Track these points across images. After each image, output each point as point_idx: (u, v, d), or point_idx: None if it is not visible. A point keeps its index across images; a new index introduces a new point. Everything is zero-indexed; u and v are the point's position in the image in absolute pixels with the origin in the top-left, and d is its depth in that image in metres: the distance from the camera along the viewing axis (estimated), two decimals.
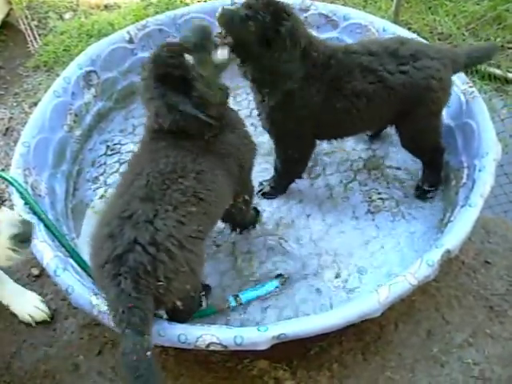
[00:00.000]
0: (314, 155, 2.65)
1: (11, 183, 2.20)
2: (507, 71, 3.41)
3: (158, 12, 3.69)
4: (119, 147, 2.88)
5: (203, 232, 1.86)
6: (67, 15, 4.01)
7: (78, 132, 2.80)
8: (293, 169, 2.58)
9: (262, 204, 2.59)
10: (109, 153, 2.86)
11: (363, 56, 2.25)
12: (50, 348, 2.26)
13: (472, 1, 3.80)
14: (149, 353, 1.61)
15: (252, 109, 2.86)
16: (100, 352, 2.23)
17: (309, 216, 2.56)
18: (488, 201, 2.30)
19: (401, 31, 2.85)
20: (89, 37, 3.70)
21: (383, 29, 2.86)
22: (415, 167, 2.67)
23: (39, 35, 3.81)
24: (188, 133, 1.88)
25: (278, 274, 2.33)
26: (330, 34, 2.98)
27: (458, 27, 3.66)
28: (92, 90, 2.86)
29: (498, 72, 3.39)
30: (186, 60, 1.86)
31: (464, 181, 2.40)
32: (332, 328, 1.88)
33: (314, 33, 2.45)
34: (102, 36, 3.32)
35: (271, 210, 2.58)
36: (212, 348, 1.81)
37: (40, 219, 2.14)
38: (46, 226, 2.14)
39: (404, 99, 2.28)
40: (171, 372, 2.15)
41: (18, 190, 2.18)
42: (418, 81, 2.24)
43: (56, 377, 2.18)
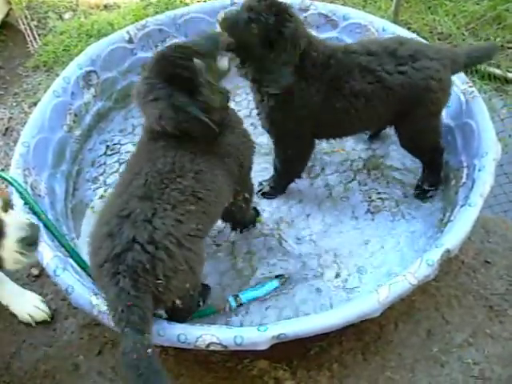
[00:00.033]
0: (314, 155, 2.65)
1: (11, 183, 2.20)
2: (507, 71, 3.41)
3: (158, 12, 3.69)
4: (119, 147, 2.87)
5: (202, 231, 1.85)
6: (67, 15, 4.00)
7: (78, 132, 2.79)
8: (292, 168, 2.58)
9: (262, 204, 2.59)
10: (108, 153, 2.86)
11: (362, 56, 2.25)
12: (50, 348, 2.25)
13: (472, 0, 3.79)
14: (149, 350, 1.61)
15: (252, 109, 2.86)
16: (100, 352, 2.23)
17: (308, 216, 2.56)
18: (488, 200, 2.31)
19: (400, 31, 2.84)
20: (88, 37, 3.69)
21: (383, 28, 2.86)
22: (415, 167, 2.67)
23: (39, 35, 3.80)
24: (190, 135, 1.87)
25: (278, 274, 2.33)
26: (330, 34, 2.97)
27: (458, 27, 3.66)
28: (92, 90, 2.86)
29: (498, 72, 3.39)
30: (196, 64, 1.84)
31: (464, 180, 2.40)
32: (332, 328, 1.88)
33: (314, 33, 2.45)
34: (102, 36, 3.31)
35: (271, 210, 2.57)
36: (212, 348, 1.81)
37: (40, 219, 2.14)
38: (46, 226, 2.14)
39: (402, 100, 2.27)
40: (171, 372, 2.14)
41: (18, 190, 2.18)
42: (417, 81, 2.23)
43: (56, 377, 2.18)
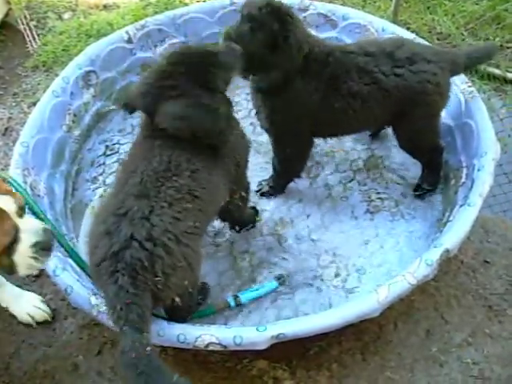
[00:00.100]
0: (313, 155, 2.66)
1: (10, 183, 2.19)
2: (506, 71, 3.41)
3: (157, 12, 3.68)
4: (118, 147, 2.87)
5: (199, 228, 1.86)
6: (66, 15, 4.00)
7: (77, 132, 2.79)
8: (291, 168, 2.57)
9: (261, 204, 2.59)
10: (108, 153, 2.85)
11: (359, 56, 2.25)
12: (49, 348, 2.25)
13: (471, 0, 3.79)
14: (148, 349, 1.60)
15: (251, 109, 2.84)
16: (99, 352, 2.23)
17: (308, 216, 2.55)
18: (487, 200, 2.31)
19: (400, 31, 2.85)
20: (88, 37, 3.69)
21: (382, 28, 2.86)
22: (414, 167, 2.66)
23: (38, 35, 3.79)
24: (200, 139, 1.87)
25: (278, 274, 2.33)
26: (329, 34, 2.97)
27: (457, 27, 3.66)
28: (91, 90, 2.86)
29: (497, 72, 3.39)
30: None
31: (463, 180, 2.40)
32: (331, 328, 1.88)
33: (313, 32, 2.44)
34: (101, 36, 3.31)
35: (270, 210, 2.57)
36: (211, 348, 1.81)
37: (39, 219, 2.13)
38: None
39: (399, 101, 2.27)
40: None
41: (17, 190, 2.17)
42: (413, 84, 2.22)
43: (55, 377, 2.17)
